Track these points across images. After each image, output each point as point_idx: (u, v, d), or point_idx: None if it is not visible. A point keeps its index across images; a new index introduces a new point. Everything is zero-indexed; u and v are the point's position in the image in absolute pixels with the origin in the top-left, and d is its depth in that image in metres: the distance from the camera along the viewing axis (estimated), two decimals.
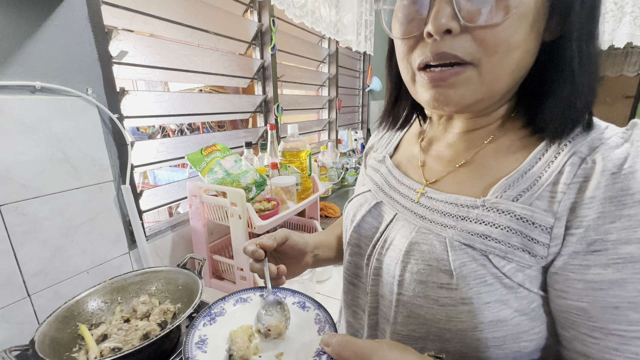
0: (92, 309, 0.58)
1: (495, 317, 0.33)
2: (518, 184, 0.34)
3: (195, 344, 0.35)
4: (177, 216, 0.93)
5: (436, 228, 0.37)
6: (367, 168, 0.56)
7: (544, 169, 0.33)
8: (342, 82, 1.90)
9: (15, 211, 0.56)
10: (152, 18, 0.81)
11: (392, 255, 0.40)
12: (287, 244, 0.47)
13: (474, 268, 0.33)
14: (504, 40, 0.30)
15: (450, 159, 0.42)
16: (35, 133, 0.57)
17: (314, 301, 0.42)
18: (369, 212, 0.46)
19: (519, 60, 0.32)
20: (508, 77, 0.33)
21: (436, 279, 0.35)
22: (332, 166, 1.59)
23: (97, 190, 0.68)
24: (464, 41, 0.31)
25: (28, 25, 0.55)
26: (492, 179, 0.36)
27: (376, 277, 0.43)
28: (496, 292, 0.33)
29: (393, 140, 0.53)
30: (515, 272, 0.32)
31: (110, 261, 0.72)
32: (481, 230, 0.34)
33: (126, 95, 0.74)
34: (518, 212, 0.32)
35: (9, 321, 0.56)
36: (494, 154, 0.38)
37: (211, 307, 0.41)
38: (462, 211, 0.36)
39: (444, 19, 0.31)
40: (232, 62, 1.07)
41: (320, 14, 1.34)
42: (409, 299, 0.37)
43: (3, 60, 0.53)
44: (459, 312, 0.34)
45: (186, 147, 0.93)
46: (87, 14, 0.63)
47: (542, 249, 0.32)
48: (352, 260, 0.48)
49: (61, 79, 0.61)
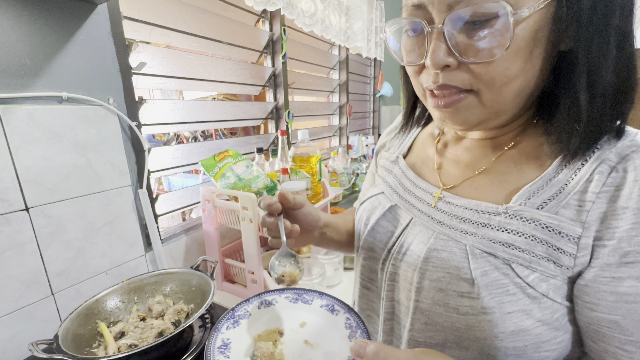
0: (110, 307, 0.60)
1: (517, 327, 0.32)
2: (543, 191, 0.33)
3: (217, 348, 0.34)
4: (190, 220, 0.96)
5: (456, 234, 0.36)
6: (378, 168, 0.55)
7: (570, 177, 0.32)
8: (353, 88, 1.92)
9: (42, 213, 0.59)
10: (168, 30, 0.85)
11: (410, 262, 0.39)
12: (301, 210, 0.46)
13: (496, 277, 0.33)
14: (499, 73, 0.31)
15: (467, 163, 0.41)
16: (62, 140, 0.61)
17: (344, 304, 0.40)
18: (383, 216, 0.45)
19: (521, 86, 0.32)
20: (512, 100, 0.33)
21: (456, 287, 0.34)
22: (343, 172, 1.60)
23: (116, 195, 0.71)
24: (462, 74, 0.32)
25: (57, 41, 0.60)
26: (514, 185, 0.35)
27: (392, 282, 0.42)
28: (519, 302, 0.32)
29: (406, 139, 0.52)
30: (539, 282, 0.32)
31: (128, 263, 0.75)
32: (504, 239, 0.33)
33: (144, 104, 0.78)
34: (543, 220, 0.32)
35: (35, 317, 0.60)
36: (515, 161, 0.37)
37: (235, 309, 0.40)
38: (483, 218, 0.35)
39: (440, 55, 0.31)
40: (245, 71, 1.11)
41: (330, 22, 1.37)
42: (427, 307, 0.37)
43: (35, 73, 0.57)
44: (479, 321, 0.33)
45: (200, 153, 0.97)
46: (109, 29, 0.67)
47: (569, 259, 0.31)
48: (367, 265, 0.47)
49: (85, 90, 0.65)
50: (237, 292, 0.88)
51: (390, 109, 2.56)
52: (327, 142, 1.89)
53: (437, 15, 0.31)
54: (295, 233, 0.43)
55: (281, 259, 0.40)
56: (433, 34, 0.32)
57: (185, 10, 0.88)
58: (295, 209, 0.45)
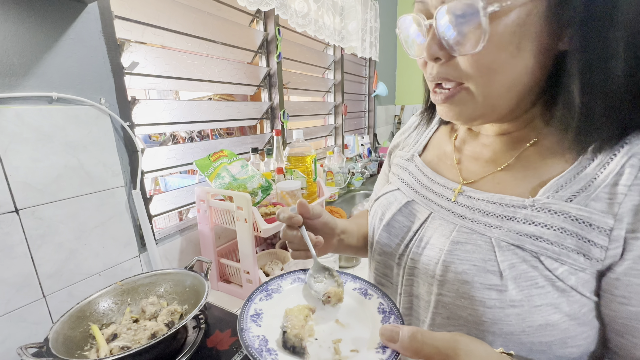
0: (103, 309, 0.59)
1: (544, 321, 0.32)
2: (571, 184, 0.33)
3: (250, 317, 0.34)
4: (185, 220, 0.96)
5: (479, 228, 0.36)
6: (392, 167, 0.55)
7: (599, 170, 0.32)
8: (348, 87, 1.92)
9: (32, 215, 0.58)
10: (162, 30, 0.84)
11: (431, 255, 0.39)
12: (319, 220, 0.45)
13: (525, 269, 0.32)
14: (484, 66, 0.32)
15: (488, 159, 0.41)
16: (52, 141, 0.60)
17: (377, 289, 0.40)
18: (399, 211, 0.45)
19: (511, 80, 0.33)
20: (504, 94, 0.34)
21: (483, 280, 0.34)
22: (339, 171, 1.60)
23: (109, 196, 0.70)
24: (452, 67, 0.34)
25: (46, 40, 0.59)
26: (539, 179, 0.35)
27: (410, 277, 0.42)
28: (548, 295, 0.32)
29: (421, 138, 0.52)
30: (568, 275, 0.31)
31: (121, 264, 0.74)
32: (531, 231, 0.33)
33: (137, 104, 0.77)
34: (573, 212, 0.32)
35: (26, 320, 0.59)
36: (539, 155, 0.37)
37: (268, 283, 0.39)
38: (507, 211, 0.35)
39: (433, 48, 0.34)
40: (240, 71, 1.10)
41: (324, 22, 1.37)
42: (450, 300, 0.36)
43: (24, 73, 0.57)
44: (507, 315, 0.33)
45: (194, 154, 0.96)
46: (100, 28, 0.67)
47: (600, 252, 0.31)
48: (382, 260, 0.47)
49: (76, 90, 0.64)
50: (233, 292, 0.87)
51: (385, 109, 2.57)
52: (322, 141, 1.89)
53: (434, 10, 0.33)
54: (319, 244, 0.43)
55: (317, 275, 0.39)
56: (430, 28, 0.34)
57: (179, 10, 0.88)
58: (314, 218, 0.45)
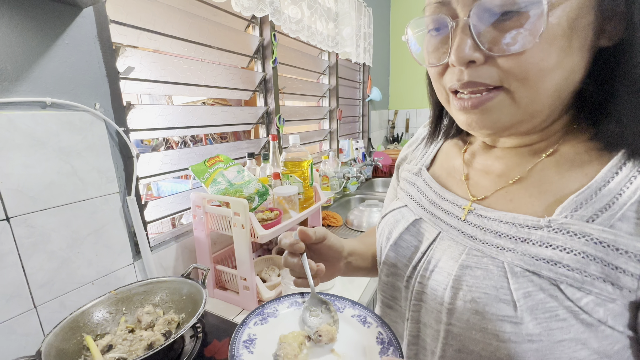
0: (97, 319, 0.58)
1: (569, 358, 0.28)
2: (592, 202, 0.29)
3: (243, 342, 0.33)
4: (180, 227, 0.94)
5: (491, 250, 0.33)
6: (400, 181, 0.52)
7: (624, 186, 0.28)
8: (343, 92, 1.93)
9: (24, 223, 0.57)
10: (157, 35, 0.84)
11: (439, 280, 0.36)
12: (324, 244, 0.43)
13: (542, 299, 0.29)
14: (533, 66, 0.28)
15: (500, 173, 0.37)
16: (45, 147, 0.59)
17: (377, 317, 0.38)
18: (407, 230, 0.42)
19: (559, 82, 0.29)
20: (548, 98, 0.30)
21: (495, 310, 0.30)
22: (334, 175, 1.61)
23: (103, 202, 0.69)
24: (490, 69, 0.30)
25: (40, 45, 0.58)
26: (556, 196, 0.32)
27: (418, 302, 0.39)
28: (571, 329, 0.28)
29: (429, 151, 0.49)
30: (594, 307, 0.27)
31: (115, 272, 0.73)
32: (548, 255, 0.29)
33: (132, 109, 0.76)
34: (596, 235, 0.28)
35: (16, 332, 0.57)
36: (555, 168, 0.33)
37: (264, 306, 0.38)
38: (521, 232, 0.32)
39: (466, 50, 0.29)
40: (235, 76, 1.10)
41: (317, 28, 1.38)
42: (461, 331, 0.33)
43: (16, 77, 0.55)
44: (524, 351, 0.29)
45: (190, 159, 0.95)
46: (96, 33, 0.66)
47: (631, 281, 0.27)
48: (389, 282, 0.44)
49: (70, 95, 0.63)
50: (229, 299, 0.86)
51: (379, 113, 2.59)
52: (317, 146, 1.89)
53: (461, 10, 0.30)
54: (321, 272, 0.41)
55: (312, 308, 0.38)
56: (458, 28, 0.30)
57: (174, 15, 0.87)
58: (318, 242, 0.42)
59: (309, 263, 0.39)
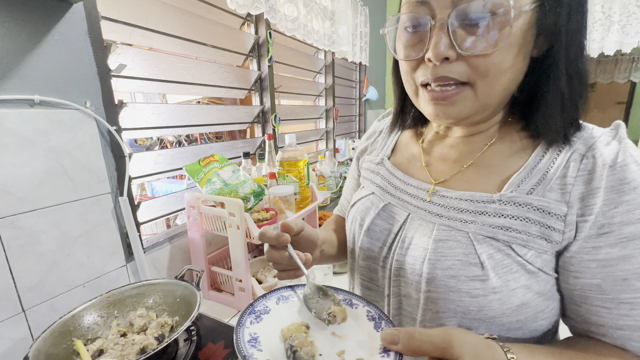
0: (88, 323, 0.56)
1: (520, 302, 0.36)
2: (529, 179, 0.37)
3: (248, 342, 0.33)
4: (174, 228, 0.93)
5: (456, 224, 0.39)
6: (361, 171, 0.56)
7: (549, 165, 0.36)
8: (339, 92, 1.92)
9: (11, 225, 0.55)
10: (150, 32, 0.82)
11: (416, 255, 0.41)
12: (302, 235, 0.44)
13: (500, 258, 0.36)
14: (495, 65, 0.34)
15: (455, 159, 0.44)
16: (34, 146, 0.57)
17: (361, 298, 0.41)
18: (378, 215, 0.47)
19: (510, 79, 0.36)
20: (500, 93, 0.37)
21: (467, 272, 0.37)
22: (330, 175, 1.60)
23: (94, 203, 0.67)
24: (460, 66, 0.35)
25: (29, 41, 0.56)
26: (502, 176, 0.39)
27: (397, 277, 0.43)
28: (521, 278, 0.35)
29: (389, 142, 0.54)
30: (535, 259, 0.35)
31: (107, 274, 0.71)
32: (502, 223, 0.36)
33: (124, 107, 0.75)
34: (535, 203, 0.35)
35: (3, 337, 0.55)
36: (498, 155, 0.41)
37: (254, 304, 0.38)
38: (479, 207, 0.38)
39: (442, 47, 0.34)
40: (230, 74, 1.09)
41: (313, 27, 1.37)
42: (439, 295, 0.38)
43: (3, 74, 0.54)
44: (489, 301, 0.36)
45: (184, 158, 0.94)
46: (86, 29, 0.64)
47: (558, 235, 0.35)
48: (366, 265, 0.48)
49: (60, 93, 0.61)
50: (225, 301, 0.85)
51: (375, 113, 2.59)
52: (314, 145, 1.88)
53: (440, 11, 0.34)
54: (309, 261, 0.42)
55: (312, 295, 0.39)
56: (436, 27, 0.34)
57: (168, 12, 0.86)
58: (298, 233, 0.43)
59: (296, 253, 0.41)
